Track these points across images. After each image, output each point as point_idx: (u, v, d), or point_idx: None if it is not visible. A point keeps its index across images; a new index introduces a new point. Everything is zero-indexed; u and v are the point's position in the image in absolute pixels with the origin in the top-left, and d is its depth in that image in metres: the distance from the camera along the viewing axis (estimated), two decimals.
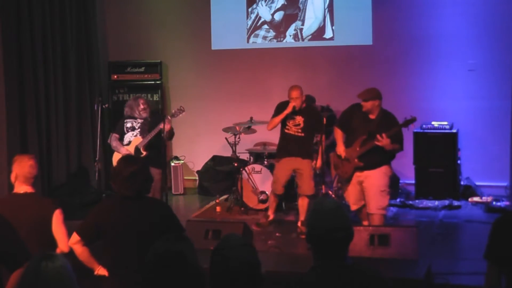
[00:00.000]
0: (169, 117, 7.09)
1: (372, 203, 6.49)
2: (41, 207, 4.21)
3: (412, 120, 6.40)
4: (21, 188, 4.23)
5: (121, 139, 7.19)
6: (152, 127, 7.06)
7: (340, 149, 6.62)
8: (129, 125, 7.19)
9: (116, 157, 7.07)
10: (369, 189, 6.48)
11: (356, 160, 6.48)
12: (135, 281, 3.37)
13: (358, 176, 6.55)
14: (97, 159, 7.63)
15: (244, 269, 2.50)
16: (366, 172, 6.49)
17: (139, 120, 7.18)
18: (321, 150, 7.17)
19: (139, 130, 7.12)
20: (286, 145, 7.26)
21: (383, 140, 6.25)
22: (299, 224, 7.18)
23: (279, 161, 7.39)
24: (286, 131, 7.24)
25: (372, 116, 6.47)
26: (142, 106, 7.17)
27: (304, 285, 2.67)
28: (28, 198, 4.21)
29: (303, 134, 7.14)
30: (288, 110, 7.09)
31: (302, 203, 7.20)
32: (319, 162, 7.17)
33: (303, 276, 2.69)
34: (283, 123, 7.24)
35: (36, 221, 4.10)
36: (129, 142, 7.12)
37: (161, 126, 6.88)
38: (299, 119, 7.15)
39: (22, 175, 4.20)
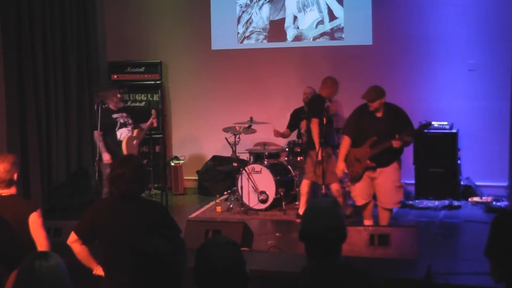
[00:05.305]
0: (154, 111, 7.94)
1: (388, 198, 6.51)
2: (18, 210, 4.10)
3: (427, 125, 6.56)
4: (1, 190, 4.13)
5: (112, 135, 7.65)
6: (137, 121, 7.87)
7: (340, 166, 6.65)
8: (122, 121, 7.74)
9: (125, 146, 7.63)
10: (384, 185, 6.49)
11: (368, 161, 6.47)
12: (128, 281, 3.37)
13: (370, 173, 6.56)
14: (97, 159, 7.63)
15: (227, 267, 2.49)
16: (378, 169, 6.50)
17: (124, 114, 7.80)
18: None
19: (129, 127, 7.75)
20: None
21: (397, 141, 6.31)
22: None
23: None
24: None
25: (379, 114, 6.48)
26: (121, 104, 7.91)
27: (297, 286, 2.67)
28: (7, 200, 4.12)
29: None
30: None
31: None
32: None
33: (295, 277, 2.69)
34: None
35: (14, 223, 3.99)
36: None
37: (152, 120, 7.85)
38: None
39: None
